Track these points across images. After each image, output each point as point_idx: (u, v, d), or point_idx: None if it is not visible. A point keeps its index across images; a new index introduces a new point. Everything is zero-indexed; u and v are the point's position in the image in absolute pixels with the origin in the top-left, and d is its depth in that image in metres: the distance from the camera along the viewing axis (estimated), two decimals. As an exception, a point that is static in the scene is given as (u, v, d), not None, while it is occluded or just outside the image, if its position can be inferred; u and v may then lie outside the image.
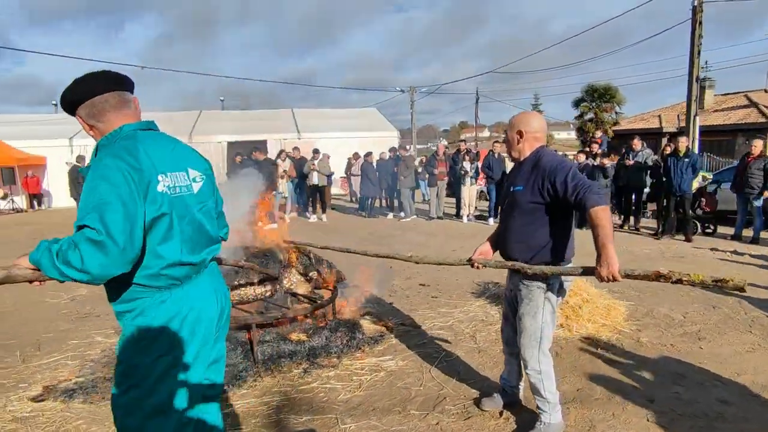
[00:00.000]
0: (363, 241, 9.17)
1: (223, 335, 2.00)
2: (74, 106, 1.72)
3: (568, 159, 2.88)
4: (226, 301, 1.97)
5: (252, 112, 24.72)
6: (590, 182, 2.42)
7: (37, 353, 4.13)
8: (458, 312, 4.87)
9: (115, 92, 1.75)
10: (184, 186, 1.79)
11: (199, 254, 1.82)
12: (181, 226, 1.74)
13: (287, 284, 4.13)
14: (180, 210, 1.74)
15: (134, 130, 1.73)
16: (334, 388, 3.37)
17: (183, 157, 1.84)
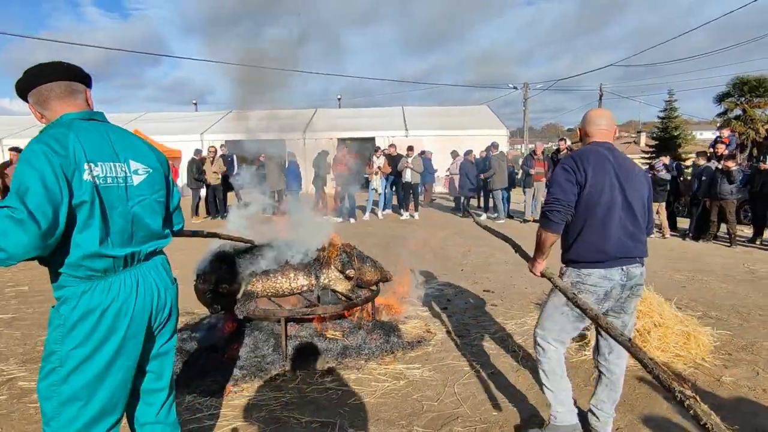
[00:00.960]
0: (434, 242, 8.92)
1: (167, 330, 1.98)
2: (24, 93, 1.80)
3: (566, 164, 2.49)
4: (165, 295, 1.92)
5: (364, 109, 25.34)
6: (553, 198, 2.43)
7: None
8: (512, 324, 4.48)
9: (62, 82, 1.78)
10: (120, 177, 1.78)
11: (130, 247, 1.80)
12: (111, 216, 1.73)
13: (325, 280, 4.09)
14: (110, 201, 1.73)
15: (72, 119, 1.75)
16: (349, 391, 3.25)
17: (125, 148, 1.83)
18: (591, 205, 2.39)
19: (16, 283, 6.19)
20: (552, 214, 2.41)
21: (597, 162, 2.42)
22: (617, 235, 2.42)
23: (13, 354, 3.93)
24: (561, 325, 2.56)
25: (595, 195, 2.38)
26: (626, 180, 2.45)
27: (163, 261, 2.00)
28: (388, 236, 9.56)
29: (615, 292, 2.46)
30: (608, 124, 2.56)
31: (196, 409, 3.04)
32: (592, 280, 2.44)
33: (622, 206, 2.42)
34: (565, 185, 2.41)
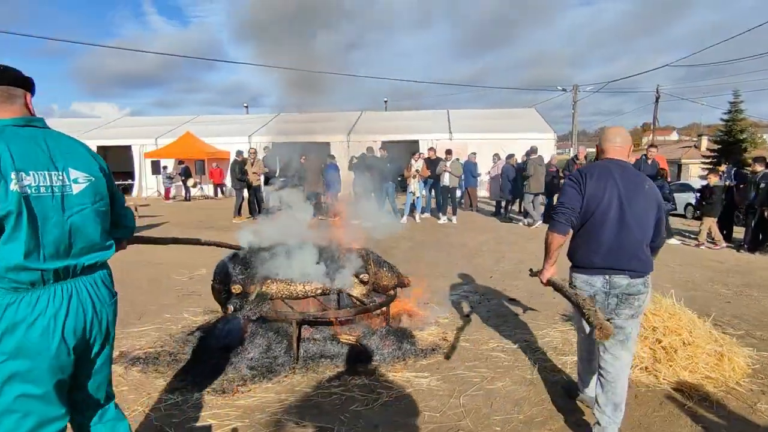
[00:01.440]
0: (468, 247, 8.74)
1: (102, 346, 1.93)
2: None
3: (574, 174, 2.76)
4: (102, 312, 1.88)
5: (409, 112, 25.30)
6: (559, 202, 2.71)
7: (137, 321, 4.72)
8: (533, 335, 4.32)
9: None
10: (56, 186, 1.74)
11: (65, 260, 1.76)
12: (43, 228, 1.69)
13: (339, 284, 4.08)
14: (42, 211, 1.69)
15: (5, 126, 1.70)
16: (353, 397, 3.22)
17: (64, 156, 1.79)
18: (587, 215, 2.62)
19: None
20: (557, 215, 2.66)
21: (600, 176, 2.62)
22: (606, 246, 2.59)
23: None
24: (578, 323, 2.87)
25: (592, 207, 2.60)
26: (629, 196, 2.58)
27: (104, 276, 1.95)
28: (422, 240, 9.48)
29: (599, 297, 2.64)
30: (622, 141, 2.73)
31: (200, 407, 3.09)
32: (578, 284, 2.71)
33: (618, 220, 2.57)
34: (570, 192, 2.67)
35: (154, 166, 21.35)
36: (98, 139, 22.52)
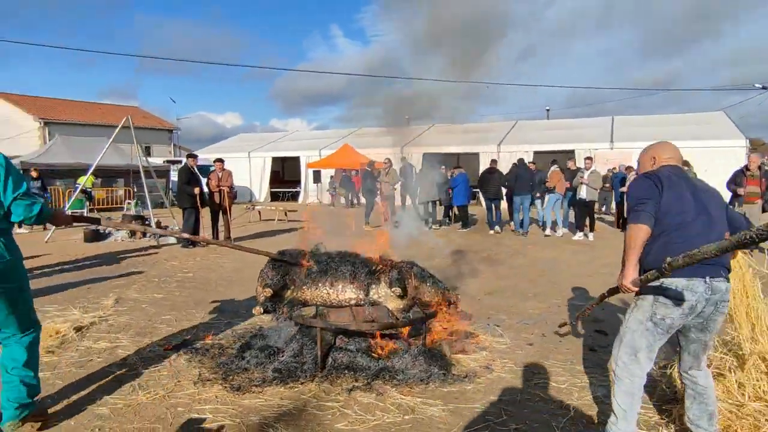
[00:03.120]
0: (581, 268, 7.72)
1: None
2: None
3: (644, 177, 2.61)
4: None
5: (568, 120, 23.63)
6: (638, 199, 2.49)
7: (214, 315, 5.20)
8: (597, 377, 3.65)
9: None
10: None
11: None
12: None
13: (374, 296, 3.97)
14: None
15: None
16: (348, 415, 3.10)
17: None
18: (673, 213, 2.43)
19: (187, 270, 7.54)
20: (640, 206, 2.43)
21: (671, 175, 2.54)
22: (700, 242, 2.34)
23: (135, 326, 4.80)
24: (648, 341, 2.52)
25: (677, 204, 2.44)
26: (703, 193, 2.53)
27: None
28: (535, 258, 8.72)
29: (700, 306, 2.40)
30: (674, 153, 2.73)
31: (208, 401, 3.27)
32: (672, 293, 2.40)
33: (706, 216, 2.44)
34: (647, 186, 2.51)
35: (315, 176, 23.32)
36: (277, 151, 25.49)
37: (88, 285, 6.49)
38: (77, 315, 5.02)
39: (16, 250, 2.85)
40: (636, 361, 2.52)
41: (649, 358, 2.53)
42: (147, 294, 6.07)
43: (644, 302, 2.52)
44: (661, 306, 2.44)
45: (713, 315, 2.45)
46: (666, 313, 2.43)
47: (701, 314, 2.44)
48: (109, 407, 3.18)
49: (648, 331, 2.49)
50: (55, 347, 4.17)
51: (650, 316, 2.48)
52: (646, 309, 2.50)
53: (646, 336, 2.50)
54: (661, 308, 2.44)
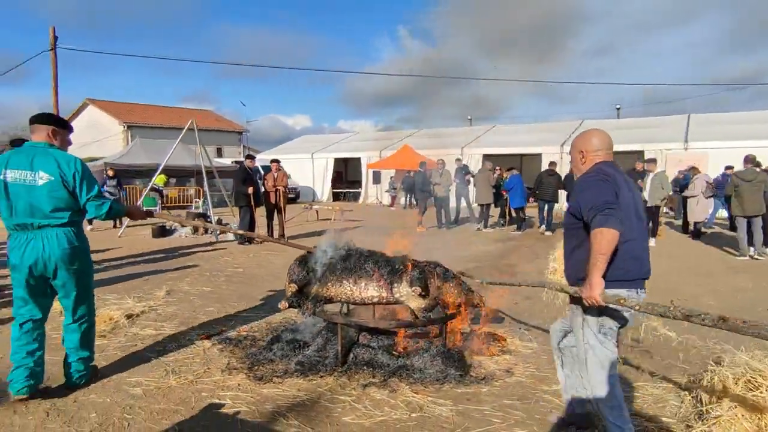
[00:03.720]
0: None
1: (58, 272, 3.20)
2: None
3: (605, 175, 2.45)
4: (44, 253, 3.13)
5: (639, 119, 22.42)
6: (604, 201, 2.30)
7: (252, 308, 5.46)
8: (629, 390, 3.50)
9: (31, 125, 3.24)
10: (29, 178, 3.10)
11: (26, 219, 3.10)
12: (13, 200, 3.10)
13: (396, 294, 4.01)
14: (17, 191, 3.09)
15: (25, 146, 3.26)
16: (357, 409, 3.17)
17: (37, 163, 3.12)
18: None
19: (238, 266, 7.93)
20: (609, 210, 2.27)
21: (616, 174, 2.50)
22: (638, 252, 2.48)
23: (180, 316, 5.14)
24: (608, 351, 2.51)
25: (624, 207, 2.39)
26: (636, 197, 2.55)
27: (59, 233, 3.17)
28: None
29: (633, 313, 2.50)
30: (610, 145, 2.66)
31: (230, 388, 3.46)
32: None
33: (639, 220, 2.48)
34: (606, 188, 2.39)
35: (375, 176, 23.59)
36: (339, 152, 26.02)
37: (147, 277, 7.01)
38: (131, 304, 5.44)
39: (84, 240, 3.39)
40: (606, 370, 2.49)
41: (614, 366, 2.53)
42: (197, 287, 6.46)
43: (590, 314, 2.49)
44: (608, 318, 2.47)
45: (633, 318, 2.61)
46: (613, 323, 2.49)
47: (623, 326, 2.57)
48: (142, 388, 3.44)
49: (603, 344, 2.49)
50: (107, 332, 4.56)
51: (599, 329, 2.48)
52: (594, 321, 2.49)
53: (603, 348, 2.50)
54: (608, 320, 2.47)
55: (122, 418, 3.03)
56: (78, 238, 3.31)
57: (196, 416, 3.08)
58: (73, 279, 3.29)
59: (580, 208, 2.41)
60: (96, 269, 7.32)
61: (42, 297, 3.30)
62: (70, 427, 2.93)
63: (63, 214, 3.20)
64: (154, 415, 3.09)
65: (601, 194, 2.33)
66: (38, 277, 3.20)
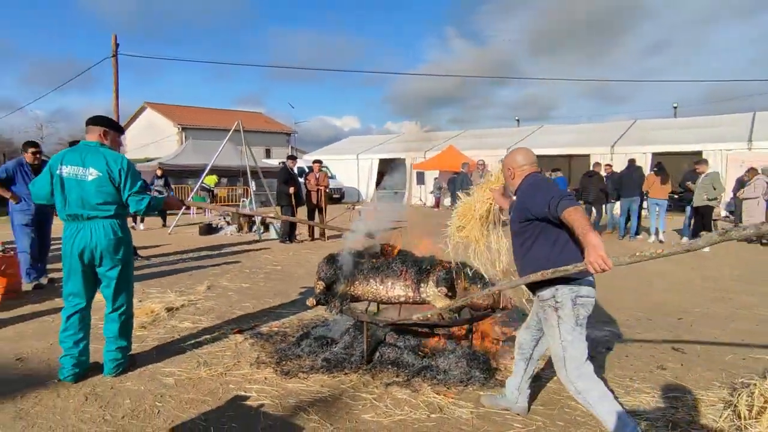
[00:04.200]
0: (696, 281, 6.92)
1: (104, 262, 3.50)
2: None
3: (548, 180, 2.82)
4: (95, 241, 3.43)
5: (698, 118, 21.27)
6: (558, 192, 2.50)
7: (285, 305, 5.57)
8: (652, 396, 3.36)
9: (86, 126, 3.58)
10: (81, 174, 3.41)
11: (77, 210, 3.41)
12: (67, 193, 3.41)
13: (422, 294, 4.00)
14: (70, 185, 3.40)
15: (79, 145, 3.60)
16: (378, 407, 3.19)
17: (89, 160, 3.43)
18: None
19: (277, 263, 8.11)
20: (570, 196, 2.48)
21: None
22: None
23: (217, 311, 5.32)
24: (574, 350, 2.59)
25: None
26: None
27: (105, 224, 3.47)
28: (632, 268, 8.03)
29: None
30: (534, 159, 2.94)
31: (257, 381, 3.56)
32: (585, 292, 2.61)
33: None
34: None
35: (419, 177, 23.55)
36: (384, 152, 26.13)
37: (190, 272, 7.29)
38: (172, 297, 5.68)
39: (127, 232, 3.65)
40: (584, 365, 2.58)
41: (588, 356, 2.61)
42: (236, 283, 6.66)
43: (564, 310, 2.59)
44: (581, 307, 2.58)
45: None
46: (585, 312, 2.60)
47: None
48: (174, 378, 3.59)
49: (580, 335, 2.58)
50: (148, 323, 4.78)
51: (576, 320, 2.57)
52: (570, 316, 2.57)
53: (580, 339, 2.58)
54: (581, 309, 2.58)
55: (153, 406, 3.18)
56: (122, 230, 3.58)
57: (221, 407, 3.18)
58: (116, 269, 3.54)
59: (531, 210, 2.59)
60: (145, 264, 7.74)
61: (88, 286, 3.55)
62: (105, 412, 3.09)
63: (109, 207, 3.48)
64: (182, 404, 3.22)
65: (552, 189, 2.56)
66: (86, 264, 3.49)
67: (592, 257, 2.12)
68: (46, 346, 4.14)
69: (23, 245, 5.93)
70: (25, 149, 5.98)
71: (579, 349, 2.58)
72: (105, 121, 3.65)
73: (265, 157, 31.49)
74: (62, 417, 3.03)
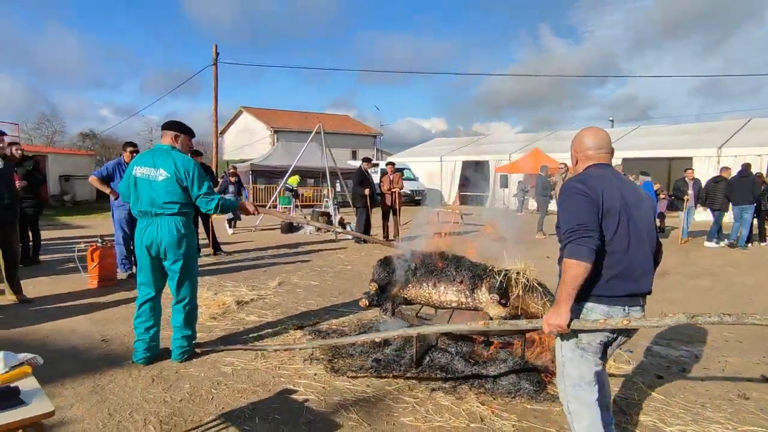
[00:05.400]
0: None
1: (167, 256, 3.78)
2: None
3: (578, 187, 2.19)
4: (160, 236, 3.73)
5: (705, 124, 18.96)
6: (579, 224, 2.11)
7: (347, 304, 5.69)
8: (722, 425, 3.03)
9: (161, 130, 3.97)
10: (152, 174, 3.73)
11: (147, 208, 3.73)
12: (140, 192, 3.74)
13: (475, 301, 3.91)
14: (143, 185, 3.73)
15: (154, 147, 3.94)
16: (418, 412, 3.18)
17: (159, 162, 3.73)
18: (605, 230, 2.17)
19: (348, 263, 8.29)
20: (579, 238, 2.09)
21: (603, 182, 2.21)
22: (624, 266, 2.19)
23: (283, 306, 5.56)
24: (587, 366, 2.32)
25: (608, 219, 2.16)
26: (635, 202, 2.23)
27: (170, 221, 3.75)
28: (727, 281, 7.26)
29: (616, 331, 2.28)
30: (607, 146, 2.38)
31: (306, 376, 3.68)
32: (594, 317, 2.22)
33: (631, 231, 2.19)
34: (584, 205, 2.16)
35: (503, 180, 22.98)
36: (468, 155, 25.80)
37: (265, 268, 7.68)
38: (244, 292, 6.02)
39: (190, 229, 3.92)
40: (583, 388, 2.31)
41: (595, 381, 2.31)
42: (305, 280, 6.91)
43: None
44: (585, 333, 2.28)
45: (621, 339, 2.36)
46: (591, 339, 2.28)
47: (616, 339, 2.33)
48: (232, 368, 3.81)
49: (582, 357, 2.31)
50: (218, 315, 5.11)
51: (576, 343, 2.30)
52: (572, 336, 2.30)
53: (582, 362, 2.31)
54: (584, 335, 2.27)
55: (209, 392, 3.40)
56: (185, 227, 3.84)
57: (269, 399, 3.33)
58: (179, 263, 3.80)
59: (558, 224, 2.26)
60: (227, 260, 8.26)
61: (156, 277, 3.87)
62: (167, 394, 3.36)
63: (174, 205, 3.76)
64: (235, 392, 3.41)
65: (577, 214, 2.13)
66: (154, 257, 3.80)
67: (552, 321, 2.17)
68: (128, 330, 4.56)
69: (119, 238, 6.58)
70: (124, 149, 6.63)
71: (578, 370, 2.32)
72: (176, 125, 3.95)
73: (351, 158, 32.30)
74: (130, 395, 3.33)
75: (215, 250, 8.75)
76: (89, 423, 2.96)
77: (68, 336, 4.47)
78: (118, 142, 30.66)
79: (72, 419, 3.00)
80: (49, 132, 36.77)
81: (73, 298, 5.74)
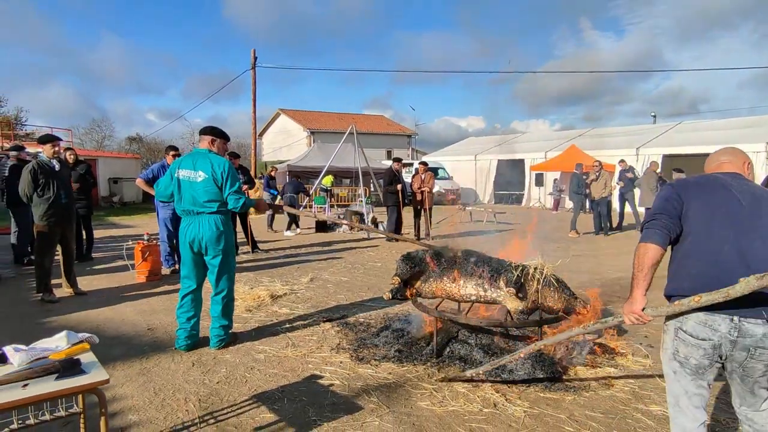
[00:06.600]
0: None
1: (208, 252, 4.12)
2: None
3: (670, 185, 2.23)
4: (201, 232, 4.07)
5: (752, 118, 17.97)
6: (653, 212, 2.15)
7: (374, 299, 5.93)
8: (732, 416, 3.10)
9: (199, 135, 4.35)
10: (192, 176, 4.08)
11: (189, 207, 4.09)
12: (182, 192, 4.10)
13: (493, 294, 4.07)
14: (185, 185, 4.09)
15: (193, 151, 4.26)
16: (435, 397, 3.38)
17: (198, 164, 4.08)
18: (695, 226, 2.08)
19: (378, 261, 8.54)
20: (651, 223, 2.12)
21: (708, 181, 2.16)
22: (729, 272, 1.96)
23: (314, 300, 5.85)
24: (682, 385, 2.14)
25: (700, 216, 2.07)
26: (757, 204, 2.05)
27: (210, 219, 4.08)
28: None
29: (725, 347, 1.98)
30: (731, 156, 2.28)
31: (332, 363, 3.94)
32: (688, 328, 2.06)
33: (742, 236, 2.00)
34: (668, 195, 2.17)
35: (538, 179, 22.75)
36: (503, 153, 25.64)
37: (299, 265, 8.01)
38: (278, 286, 6.35)
39: (228, 226, 4.25)
40: (679, 410, 2.14)
41: (693, 405, 2.10)
42: (336, 276, 7.20)
43: (666, 336, 2.20)
44: (681, 342, 2.09)
45: (748, 362, 1.97)
46: (687, 352, 2.07)
47: (732, 359, 1.99)
48: (264, 355, 4.11)
49: (676, 373, 2.14)
50: (253, 308, 5.44)
51: (673, 354, 2.13)
52: (669, 345, 2.17)
53: (678, 379, 2.14)
54: (681, 345, 2.09)
55: (243, 376, 3.70)
56: (224, 225, 4.16)
57: (297, 383, 3.60)
58: (218, 257, 4.14)
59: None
60: (264, 257, 8.65)
61: (197, 271, 4.22)
62: (205, 377, 3.68)
63: (213, 204, 4.11)
64: (267, 377, 3.70)
65: (656, 204, 2.17)
66: (195, 253, 4.16)
67: (625, 309, 2.16)
68: (171, 320, 4.93)
69: (163, 236, 7.03)
70: (167, 152, 7.07)
71: (674, 387, 2.16)
72: (212, 131, 4.30)
73: (386, 158, 32.61)
74: (172, 377, 3.67)
75: (253, 247, 9.15)
76: (137, 399, 3.31)
77: (118, 325, 4.89)
78: (162, 145, 31.98)
79: (123, 396, 3.36)
80: (99, 136, 38.69)
81: (123, 291, 6.21)
